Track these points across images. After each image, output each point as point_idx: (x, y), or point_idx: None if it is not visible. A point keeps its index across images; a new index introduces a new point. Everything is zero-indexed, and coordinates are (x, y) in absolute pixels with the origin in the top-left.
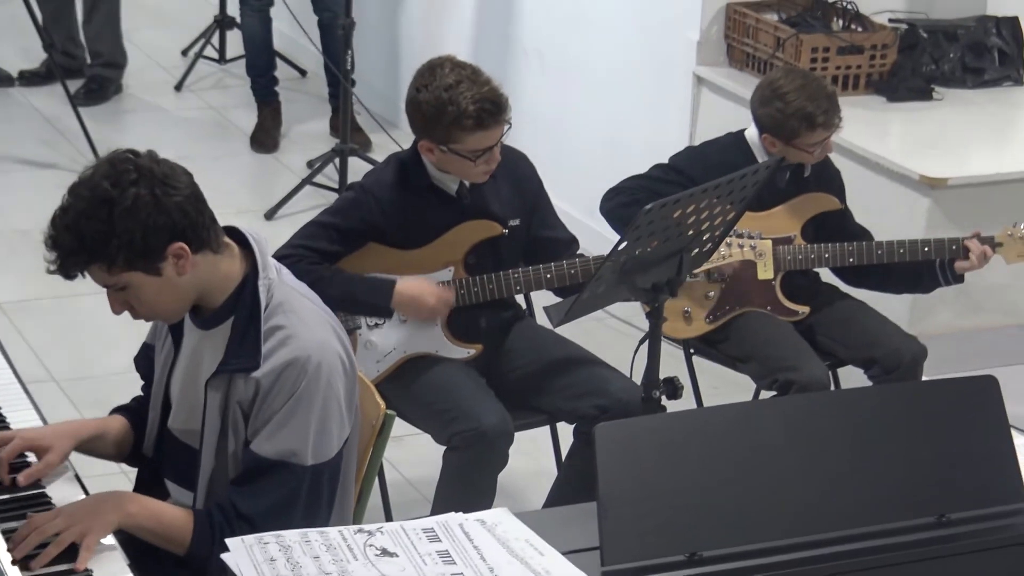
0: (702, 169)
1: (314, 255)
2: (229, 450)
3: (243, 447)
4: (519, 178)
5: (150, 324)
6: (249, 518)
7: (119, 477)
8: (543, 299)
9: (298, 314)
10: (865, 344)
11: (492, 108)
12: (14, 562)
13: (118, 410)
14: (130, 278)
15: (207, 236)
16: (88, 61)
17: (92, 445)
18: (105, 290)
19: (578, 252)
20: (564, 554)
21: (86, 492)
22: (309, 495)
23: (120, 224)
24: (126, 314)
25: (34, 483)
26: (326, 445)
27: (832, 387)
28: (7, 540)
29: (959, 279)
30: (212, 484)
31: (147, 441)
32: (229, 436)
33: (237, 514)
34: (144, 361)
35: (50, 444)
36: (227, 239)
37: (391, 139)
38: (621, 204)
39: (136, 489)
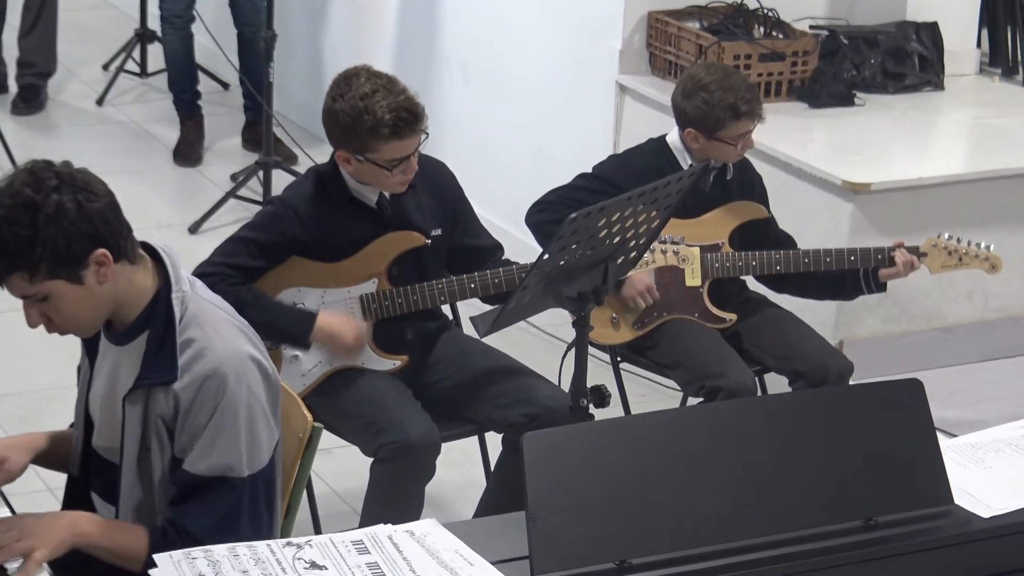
0: (626, 176)
1: (236, 273)
2: (153, 464)
3: (173, 464)
4: (439, 187)
5: (79, 342)
6: (196, 536)
7: (45, 495)
8: (470, 309)
9: (213, 325)
10: (791, 356)
11: (408, 117)
12: None
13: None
14: (52, 287)
15: (125, 245)
16: (13, 73)
17: (47, 458)
18: (22, 303)
19: (504, 258)
20: (494, 564)
21: (9, 506)
22: (251, 506)
23: (44, 230)
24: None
25: None
26: (259, 454)
27: (759, 393)
28: None
29: (882, 288)
30: (134, 499)
31: (72, 460)
32: (153, 450)
33: (185, 532)
34: None
35: (5, 456)
36: (141, 251)
37: (305, 154)
38: (546, 220)
39: (64, 506)
